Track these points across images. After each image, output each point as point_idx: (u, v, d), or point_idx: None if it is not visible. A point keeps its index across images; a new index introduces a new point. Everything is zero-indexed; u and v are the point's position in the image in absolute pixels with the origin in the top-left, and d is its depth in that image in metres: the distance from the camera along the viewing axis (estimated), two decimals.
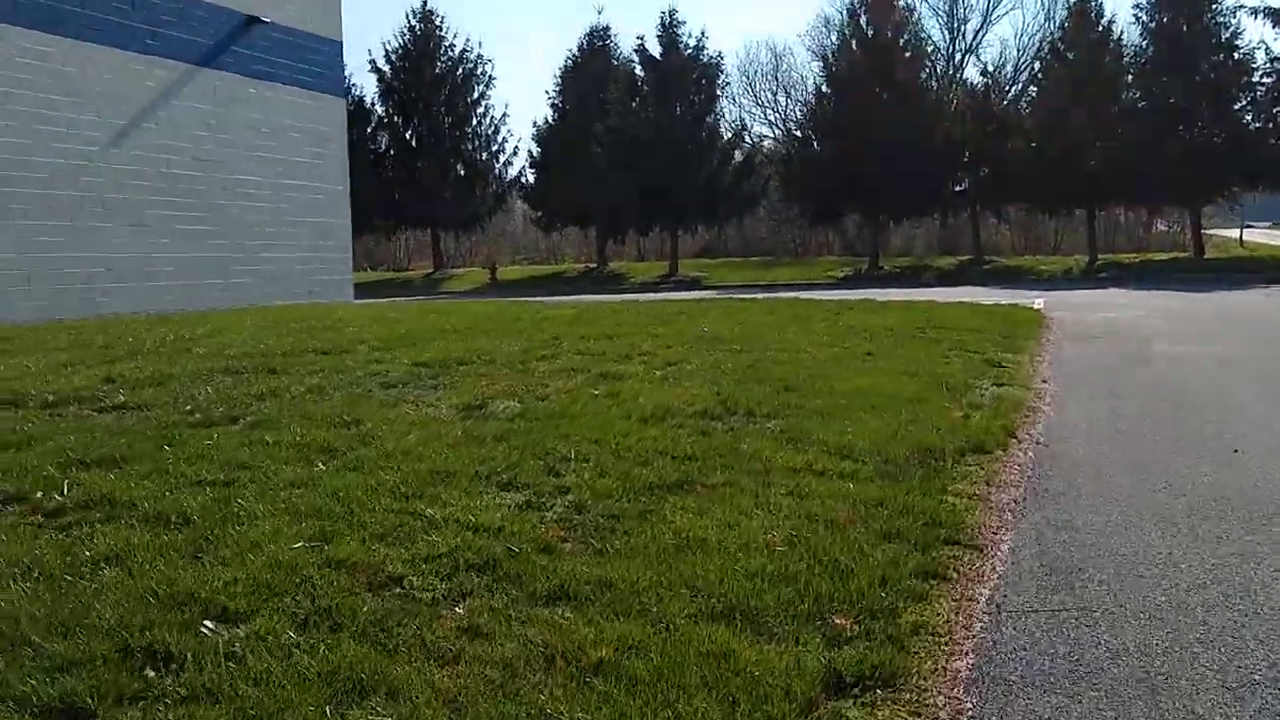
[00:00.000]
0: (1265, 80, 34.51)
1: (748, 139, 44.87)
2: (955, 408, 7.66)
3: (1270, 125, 34.61)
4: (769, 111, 57.88)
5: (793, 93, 53.07)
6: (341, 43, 24.08)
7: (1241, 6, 34.21)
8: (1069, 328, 14.70)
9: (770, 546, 4.23)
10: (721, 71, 41.28)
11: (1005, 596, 3.98)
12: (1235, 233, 56.26)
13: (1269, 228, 73.40)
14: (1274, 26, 33.43)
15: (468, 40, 45.00)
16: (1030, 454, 6.52)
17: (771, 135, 52.87)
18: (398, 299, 27.76)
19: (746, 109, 60.41)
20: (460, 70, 45.81)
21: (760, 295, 23.46)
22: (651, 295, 26.91)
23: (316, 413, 6.59)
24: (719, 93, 41.59)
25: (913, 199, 37.93)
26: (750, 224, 54.67)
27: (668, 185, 38.60)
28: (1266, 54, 34.41)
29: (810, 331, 12.30)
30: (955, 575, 4.19)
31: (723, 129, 42.04)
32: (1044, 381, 9.52)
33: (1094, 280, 31.41)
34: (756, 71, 61.70)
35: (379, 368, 8.89)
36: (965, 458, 6.17)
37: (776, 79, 56.75)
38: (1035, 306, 17.97)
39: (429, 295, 35.74)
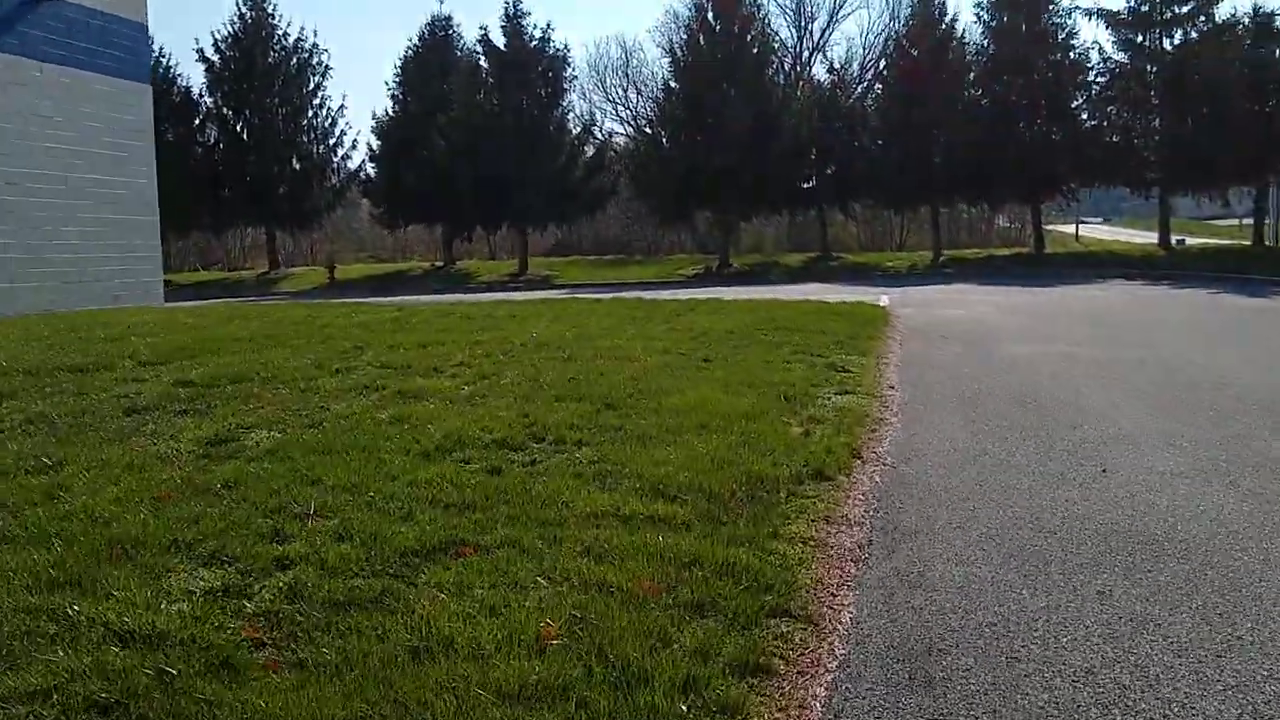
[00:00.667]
0: (1099, 80, 35.44)
1: (598, 134, 43.88)
2: (795, 423, 6.80)
3: (1104, 123, 35.57)
4: (620, 108, 57.16)
5: (643, 89, 52.47)
6: (146, 25, 22.03)
7: (1077, 7, 35.10)
8: (915, 326, 14.20)
9: (542, 640, 3.19)
10: (569, 64, 40.13)
11: (845, 701, 3.04)
12: (1072, 228, 58.62)
13: (1100, 223, 77.22)
14: (1107, 28, 34.38)
15: (302, 29, 42.67)
16: (877, 478, 5.68)
17: (623, 132, 52.16)
18: (218, 300, 25.71)
19: (598, 105, 59.36)
20: (294, 60, 43.32)
21: (607, 295, 22.50)
22: (495, 295, 25.66)
23: (7, 454, 5.23)
24: (566, 86, 40.36)
25: (761, 196, 37.59)
26: (603, 222, 53.87)
27: (514, 180, 37.26)
28: (1100, 54, 35.37)
29: (647, 335, 11.36)
30: (782, 666, 3.23)
31: (571, 123, 40.89)
32: (891, 388, 8.79)
33: (939, 276, 31.63)
34: (607, 67, 61.09)
35: (133, 388, 7.51)
36: (804, 486, 5.28)
37: (627, 75, 56.13)
38: (881, 304, 17.54)
39: (260, 296, 33.51)
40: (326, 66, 43.25)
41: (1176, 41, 33.16)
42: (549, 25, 40.04)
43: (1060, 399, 8.10)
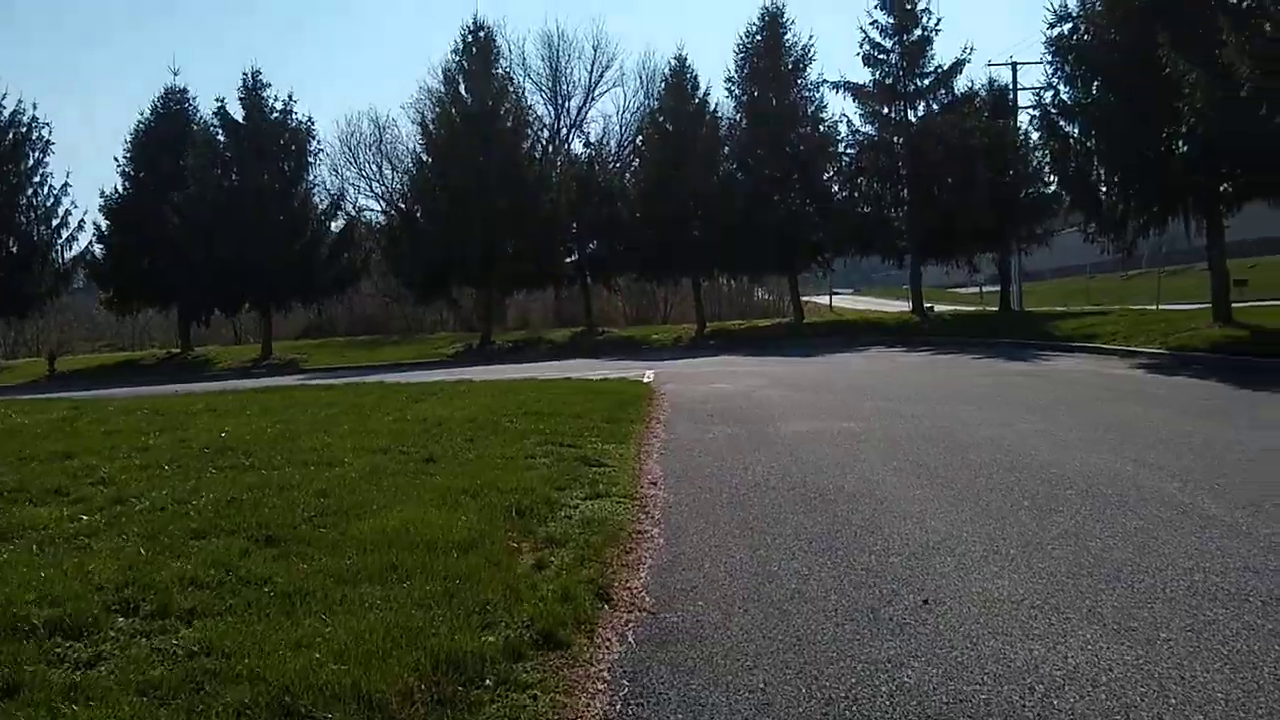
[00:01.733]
0: (849, 151, 36.24)
1: (349, 211, 41.37)
2: (526, 548, 5.12)
3: (855, 194, 36.35)
4: (374, 184, 54.85)
5: (397, 165, 50.44)
6: None
7: (824, 81, 35.86)
8: (682, 403, 12.89)
9: None
10: (313, 137, 37.59)
11: None
12: (825, 298, 60.72)
13: (851, 294, 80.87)
14: (854, 100, 35.22)
15: (20, 102, 38.15)
16: (630, 637, 4.05)
17: (378, 209, 49.84)
18: None
19: (351, 181, 56.76)
20: (10, 135, 38.82)
21: (345, 380, 20.37)
22: (226, 383, 22.81)
23: None
24: (311, 160, 37.81)
25: (522, 271, 36.21)
26: (359, 300, 51.24)
27: (255, 260, 34.32)
28: (849, 126, 36.16)
29: (366, 430, 9.43)
30: None
31: (317, 199, 38.28)
32: (653, 484, 7.27)
33: (705, 348, 31.06)
34: (359, 142, 58.54)
35: None
36: (523, 664, 3.58)
37: (380, 150, 53.95)
38: (645, 380, 16.26)
39: None
40: (47, 142, 38.94)
41: (920, 113, 34.34)
42: (290, 97, 37.23)
43: (852, 490, 6.78)
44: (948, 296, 53.35)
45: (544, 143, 42.04)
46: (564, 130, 52.21)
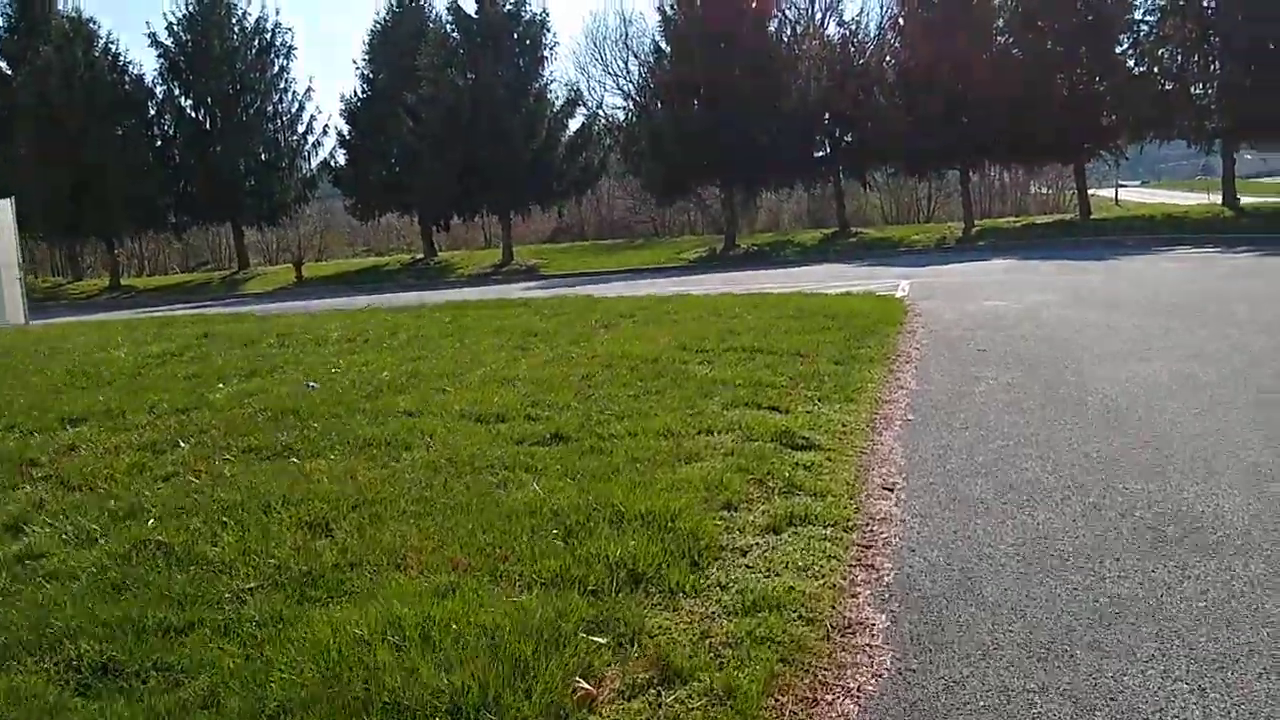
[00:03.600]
0: (1147, 20, 30.61)
1: (587, 107, 39.30)
2: (619, 683, 2.56)
3: (1154, 69, 30.71)
4: (622, 81, 52.61)
5: (643, 59, 47.78)
6: None
7: None
8: (943, 329, 9.84)
9: None
10: (548, 30, 35.62)
11: None
12: (1110, 192, 53.40)
13: (1139, 186, 71.16)
14: None
15: (263, 7, 38.67)
16: None
17: (623, 105, 47.63)
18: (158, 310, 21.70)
19: (596, 79, 54.87)
20: (256, 41, 39.39)
21: (570, 289, 18.46)
22: (450, 293, 21.37)
23: None
24: (547, 54, 35.87)
25: (769, 168, 33.01)
26: (608, 202, 49.57)
27: (492, 161, 33.10)
28: None
29: (503, 378, 7.10)
30: None
31: (555, 96, 36.44)
32: (887, 491, 4.52)
33: (973, 250, 27.09)
34: (605, 38, 56.39)
35: None
36: None
37: (627, 46, 51.42)
38: (898, 295, 13.20)
39: (217, 302, 29.56)
40: (290, 47, 39.32)
41: None
42: None
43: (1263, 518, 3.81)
44: (1250, 187, 45.42)
45: (793, 24, 38.05)
46: (818, 13, 47.80)
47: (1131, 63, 31.29)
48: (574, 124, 36.82)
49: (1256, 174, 48.08)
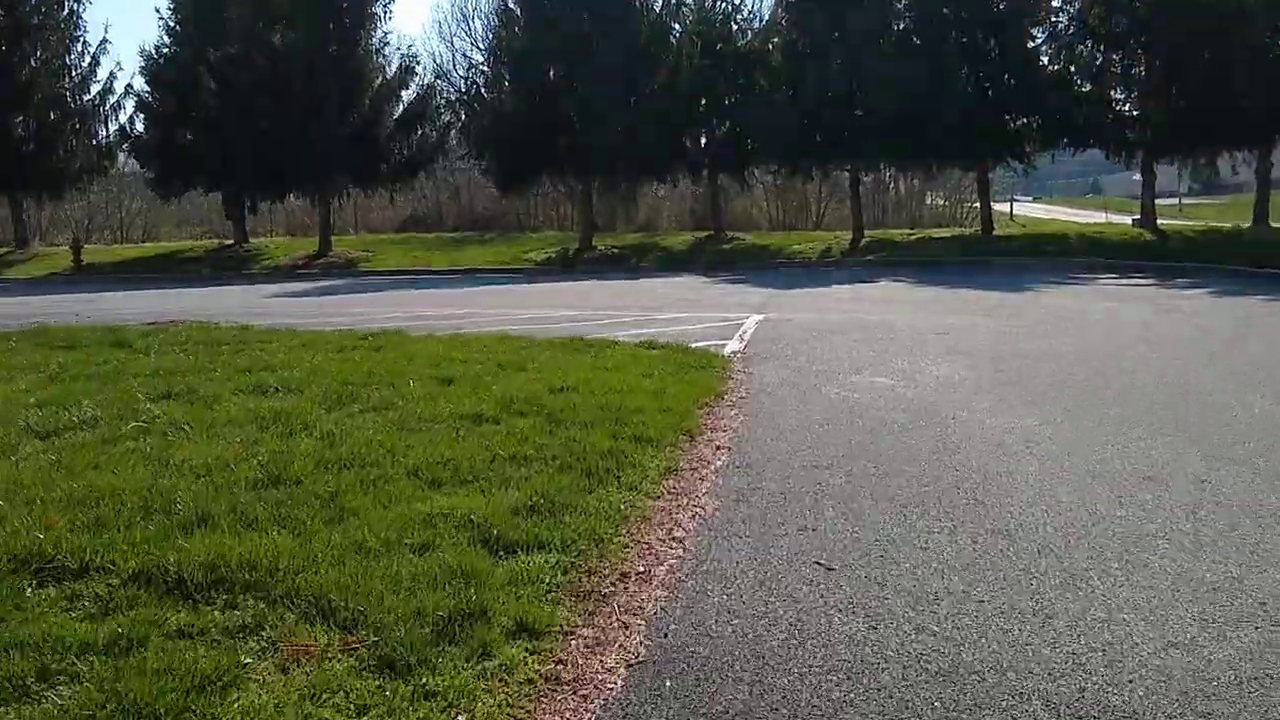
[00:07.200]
0: (1066, 10, 26.85)
1: (422, 76, 33.53)
2: None
3: (1071, 67, 26.94)
4: (479, 53, 47.17)
5: (492, 25, 42.37)
6: None
7: None
8: (756, 474, 5.14)
9: None
10: None
11: None
12: (1005, 206, 49.79)
13: (1031, 201, 67.90)
14: None
15: None
16: None
17: (466, 75, 42.02)
18: None
19: (464, 52, 49.16)
20: None
21: (387, 293, 13.43)
22: (240, 286, 15.89)
23: None
24: (379, 11, 30.38)
25: (631, 160, 28.22)
26: (469, 190, 43.97)
27: (303, 134, 27.62)
28: None
29: None
30: None
31: (385, 62, 30.96)
32: None
33: (860, 266, 22.88)
34: (475, 8, 50.68)
35: None
36: None
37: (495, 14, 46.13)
38: (726, 352, 8.46)
39: None
40: None
41: None
42: None
43: None
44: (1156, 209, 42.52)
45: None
46: None
47: (1046, 60, 27.59)
48: (409, 95, 31.44)
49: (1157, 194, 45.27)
